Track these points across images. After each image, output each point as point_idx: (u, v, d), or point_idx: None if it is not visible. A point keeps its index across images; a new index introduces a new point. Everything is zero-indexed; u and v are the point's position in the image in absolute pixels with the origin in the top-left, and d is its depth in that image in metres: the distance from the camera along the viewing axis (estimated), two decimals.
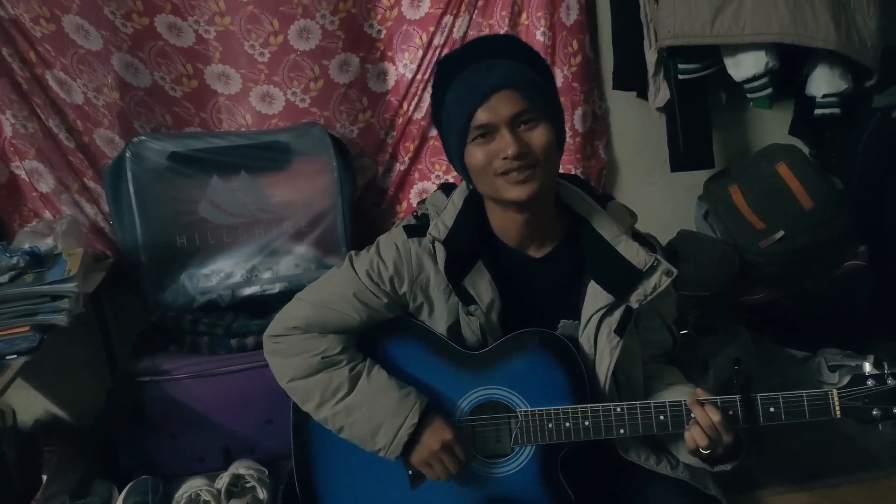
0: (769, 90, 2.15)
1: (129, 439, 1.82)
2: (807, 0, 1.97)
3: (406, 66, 2.29)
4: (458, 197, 1.40)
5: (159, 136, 2.11)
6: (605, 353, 1.36)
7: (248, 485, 1.65)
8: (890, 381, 1.25)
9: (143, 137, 2.04)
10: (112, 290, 2.15)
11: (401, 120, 2.32)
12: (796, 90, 2.34)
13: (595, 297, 1.37)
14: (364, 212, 2.35)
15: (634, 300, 1.36)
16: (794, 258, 2.20)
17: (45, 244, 1.84)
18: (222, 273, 2.09)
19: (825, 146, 2.42)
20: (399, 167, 2.36)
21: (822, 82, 2.14)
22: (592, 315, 1.37)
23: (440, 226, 1.37)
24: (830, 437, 1.78)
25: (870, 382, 1.26)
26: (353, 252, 1.42)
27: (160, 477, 1.73)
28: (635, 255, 1.37)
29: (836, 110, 2.17)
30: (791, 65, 2.20)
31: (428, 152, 2.36)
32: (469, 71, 1.30)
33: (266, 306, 2.07)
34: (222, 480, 1.66)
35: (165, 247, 2.05)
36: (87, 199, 2.19)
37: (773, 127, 2.51)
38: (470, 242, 1.37)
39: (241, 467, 1.68)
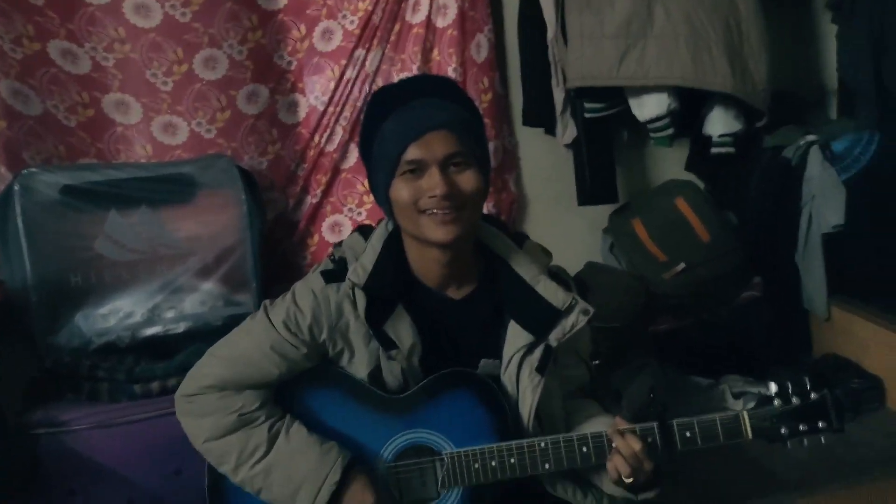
0: (670, 130, 2.26)
1: (21, 499, 1.66)
2: (705, 47, 2.08)
3: (317, 97, 2.25)
4: (377, 240, 1.37)
5: (51, 168, 1.99)
6: (527, 392, 1.36)
7: None
8: (794, 401, 1.31)
9: (34, 169, 1.91)
10: None
11: (312, 152, 2.28)
12: (693, 129, 2.46)
13: (515, 336, 1.37)
14: (273, 246, 2.28)
15: (553, 339, 1.37)
16: (695, 289, 2.30)
17: None
18: (121, 313, 1.97)
19: (719, 182, 2.55)
20: (311, 200, 2.31)
21: (719, 123, 2.26)
22: (513, 355, 1.37)
23: (359, 270, 1.33)
24: (740, 463, 1.85)
25: (776, 403, 1.32)
26: (267, 302, 1.36)
27: None
28: (553, 295, 1.38)
29: (731, 149, 2.29)
30: (688, 105, 2.32)
31: (340, 185, 2.33)
32: (408, 106, 1.29)
33: (170, 347, 1.98)
34: None
35: (58, 285, 1.92)
36: None
37: (670, 163, 2.63)
38: (390, 286, 1.34)
39: None
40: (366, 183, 2.32)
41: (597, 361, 2.10)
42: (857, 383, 2.08)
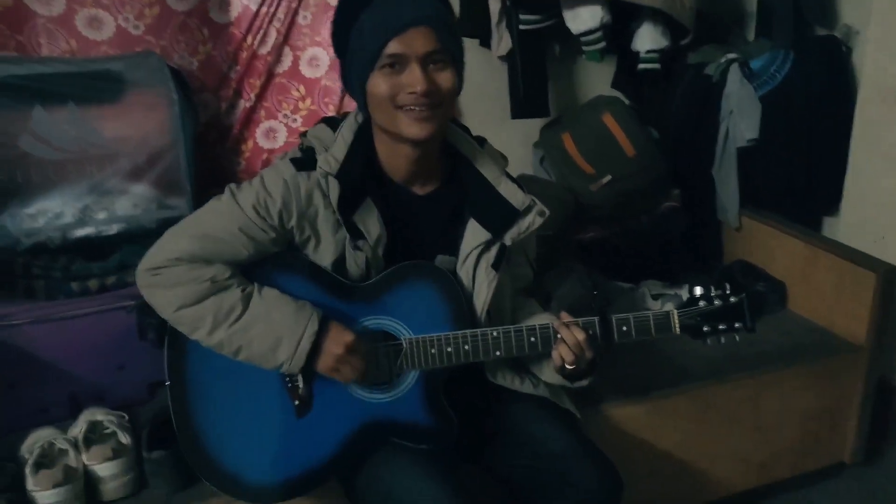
0: (602, 44, 2.32)
1: None
2: None
3: None
4: (348, 131, 1.39)
5: None
6: (482, 287, 1.44)
7: (106, 431, 1.55)
8: (716, 302, 1.44)
9: None
10: None
11: (245, 54, 2.22)
12: (619, 47, 2.54)
13: (474, 234, 1.45)
14: (206, 150, 2.23)
15: (508, 238, 1.45)
16: (619, 200, 2.41)
17: None
18: (50, 213, 1.91)
19: (643, 99, 2.65)
20: (244, 104, 2.26)
21: (647, 39, 2.34)
22: (471, 251, 1.44)
23: (331, 160, 1.35)
24: (655, 360, 2.00)
25: (701, 304, 1.45)
26: (232, 185, 1.37)
27: None
28: (513, 195, 1.46)
29: (657, 65, 2.38)
30: (618, 23, 2.38)
31: (274, 90, 2.29)
32: None
33: (102, 249, 1.94)
34: (77, 428, 1.55)
35: None
36: None
37: (598, 80, 2.70)
38: (360, 177, 1.37)
39: (97, 414, 1.57)
40: (301, 89, 2.32)
41: None
42: (762, 286, 2.26)
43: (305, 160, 1.36)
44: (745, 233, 2.41)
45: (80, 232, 1.92)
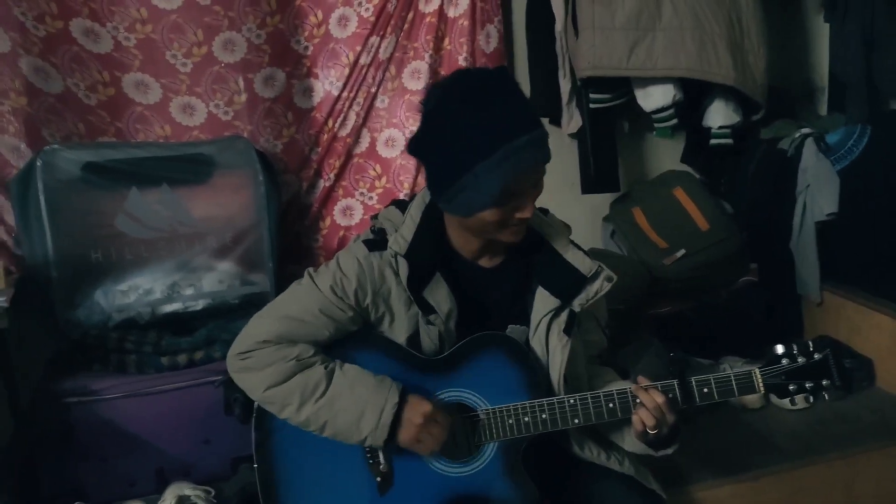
0: (674, 120, 2.35)
1: (52, 464, 1.69)
2: (710, 40, 2.17)
3: (332, 83, 2.30)
4: (416, 211, 1.43)
5: (74, 144, 2.01)
6: (556, 352, 1.44)
7: None
8: (800, 360, 1.42)
9: (56, 146, 1.92)
10: (15, 309, 1.99)
11: (325, 136, 2.32)
12: (689, 122, 2.56)
13: (543, 301, 1.46)
14: (287, 228, 2.32)
15: (577, 304, 1.46)
16: (694, 274, 2.39)
17: None
18: (141, 290, 2.00)
19: (714, 173, 2.65)
20: (323, 184, 2.35)
21: (719, 115, 2.36)
22: (542, 318, 1.45)
23: (400, 240, 1.40)
24: (743, 434, 1.95)
25: (784, 361, 1.42)
26: (311, 269, 1.42)
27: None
28: (580, 262, 1.47)
29: (730, 140, 2.39)
30: (687, 98, 2.41)
31: (352, 169, 2.38)
32: (512, 146, 1.26)
33: (188, 324, 2.01)
34: (166, 502, 1.57)
35: (79, 261, 1.93)
36: None
37: (667, 155, 2.72)
38: (429, 255, 1.40)
39: (185, 488, 1.60)
40: (377, 168, 2.40)
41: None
42: (849, 363, 2.18)
43: (377, 241, 1.41)
44: (828, 308, 2.35)
45: (169, 307, 2.00)
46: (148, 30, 2.08)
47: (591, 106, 2.38)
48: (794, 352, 1.43)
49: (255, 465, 1.41)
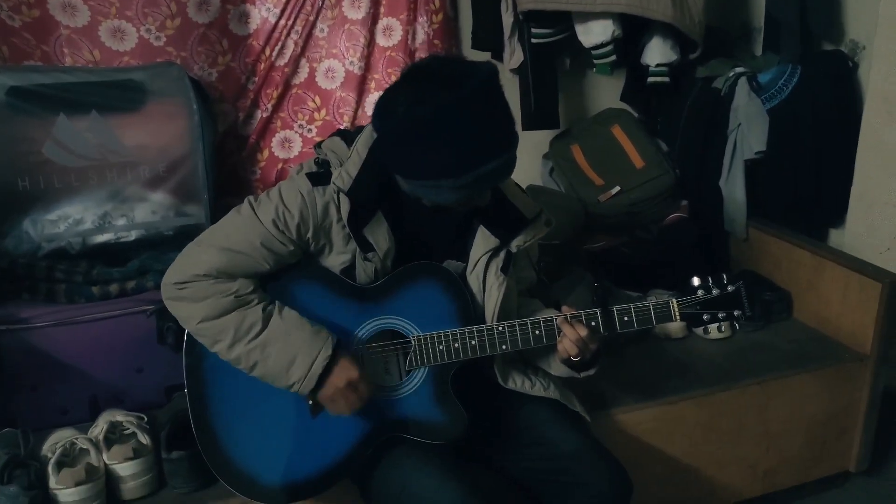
0: (613, 57, 2.36)
1: None
2: None
3: (269, 9, 2.24)
4: (363, 147, 1.43)
5: None
6: (493, 289, 1.49)
7: (126, 431, 1.59)
8: (714, 291, 1.50)
9: None
10: None
11: (262, 65, 2.28)
12: (629, 61, 2.58)
13: (484, 240, 1.50)
14: (223, 159, 2.29)
15: (514, 245, 1.50)
16: (628, 211, 2.45)
17: None
18: (71, 219, 1.96)
19: (652, 112, 2.69)
20: (261, 114, 2.31)
21: (657, 52, 2.38)
22: (481, 257, 1.49)
23: (344, 175, 1.40)
24: (669, 364, 2.04)
25: (700, 293, 1.50)
26: (251, 198, 1.41)
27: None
28: (524, 204, 1.52)
29: (666, 78, 2.43)
30: (628, 36, 2.42)
31: (291, 100, 2.34)
32: (485, 168, 1.29)
33: (121, 255, 1.98)
34: (98, 428, 1.58)
35: (5, 189, 1.88)
36: None
37: (607, 93, 2.75)
38: (372, 193, 1.41)
39: (117, 415, 1.61)
40: (317, 100, 2.37)
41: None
42: (769, 295, 2.28)
43: (321, 174, 1.41)
44: (753, 244, 2.44)
45: (100, 238, 1.97)
46: None
47: (533, 41, 2.38)
48: (710, 284, 1.51)
49: (186, 390, 1.42)
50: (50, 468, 1.50)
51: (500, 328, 1.46)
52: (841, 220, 2.47)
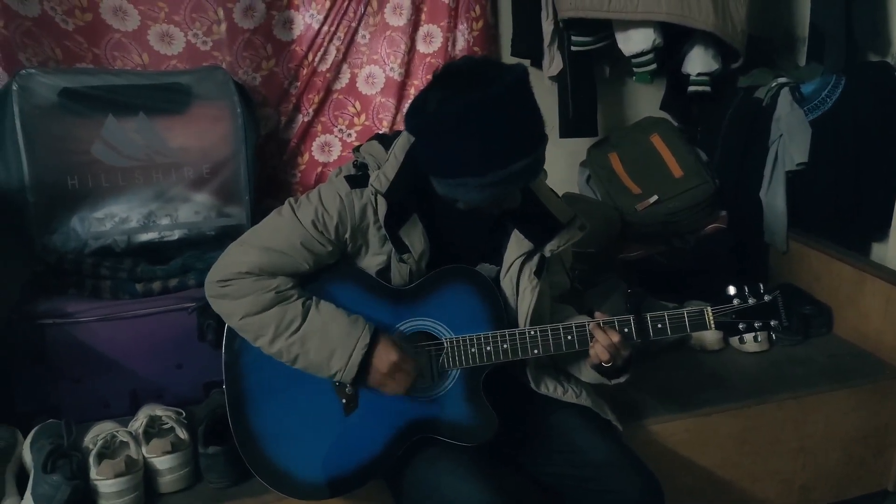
0: (653, 66, 2.35)
1: (27, 383, 1.74)
2: None
3: (313, 16, 2.28)
4: (400, 150, 1.45)
5: (50, 70, 2.00)
6: (526, 293, 1.50)
7: (165, 426, 1.63)
8: (750, 300, 1.50)
9: (33, 70, 1.91)
10: None
11: (305, 71, 2.32)
12: (669, 70, 2.57)
13: (518, 244, 1.52)
14: (264, 162, 2.33)
15: (548, 249, 1.51)
16: (665, 220, 2.44)
17: None
18: (117, 218, 2.01)
19: (692, 121, 2.68)
20: (302, 119, 2.35)
21: (698, 61, 2.37)
22: (515, 260, 1.51)
23: (382, 178, 1.42)
24: (704, 376, 2.02)
25: (735, 302, 1.49)
26: (291, 200, 1.45)
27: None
28: (558, 209, 1.53)
29: (707, 88, 2.41)
30: (668, 45, 2.41)
31: (332, 105, 2.38)
32: (510, 168, 1.30)
33: (164, 253, 2.03)
34: (137, 422, 1.62)
35: (55, 187, 1.94)
36: None
37: (647, 101, 2.74)
38: (408, 196, 1.44)
39: (156, 409, 1.65)
40: (357, 105, 2.41)
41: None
42: (808, 309, 2.25)
43: (359, 177, 1.44)
44: (792, 256, 2.40)
45: (145, 236, 2.02)
46: None
47: (573, 49, 2.38)
48: (746, 293, 1.50)
49: (224, 386, 1.46)
50: (91, 459, 1.54)
51: (532, 332, 1.47)
52: (883, 233, 2.42)
